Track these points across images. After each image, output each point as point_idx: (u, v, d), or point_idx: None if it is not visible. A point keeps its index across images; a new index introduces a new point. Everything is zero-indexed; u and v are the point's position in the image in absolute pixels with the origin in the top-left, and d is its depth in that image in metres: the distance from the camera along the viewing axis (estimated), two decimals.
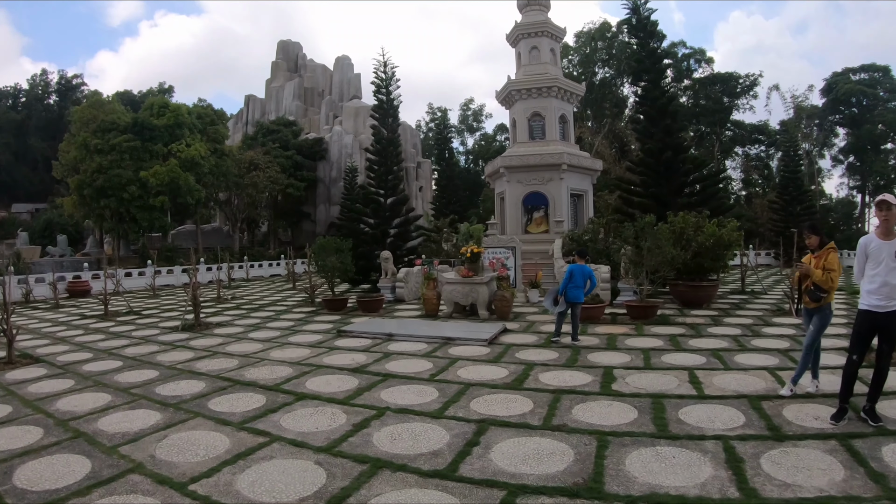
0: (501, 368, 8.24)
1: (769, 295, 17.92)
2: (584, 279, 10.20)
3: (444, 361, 8.82)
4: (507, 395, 6.82)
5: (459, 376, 7.86)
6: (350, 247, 16.14)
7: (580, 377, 7.55)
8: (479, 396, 6.76)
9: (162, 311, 16.80)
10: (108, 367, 8.81)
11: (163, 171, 32.17)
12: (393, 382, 7.54)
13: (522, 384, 7.31)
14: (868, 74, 49.30)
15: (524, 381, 7.44)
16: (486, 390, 7.05)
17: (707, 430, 5.31)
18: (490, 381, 7.53)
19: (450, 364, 8.63)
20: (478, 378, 7.70)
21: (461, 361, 8.80)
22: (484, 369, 8.22)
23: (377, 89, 22.02)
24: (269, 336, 11.52)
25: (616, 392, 6.75)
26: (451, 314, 13.99)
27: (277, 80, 61.66)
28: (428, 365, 8.59)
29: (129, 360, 9.32)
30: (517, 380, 7.55)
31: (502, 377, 7.72)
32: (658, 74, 19.96)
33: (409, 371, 8.19)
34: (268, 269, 35.97)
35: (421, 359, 9.06)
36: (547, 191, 25.39)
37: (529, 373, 7.91)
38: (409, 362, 8.79)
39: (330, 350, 9.83)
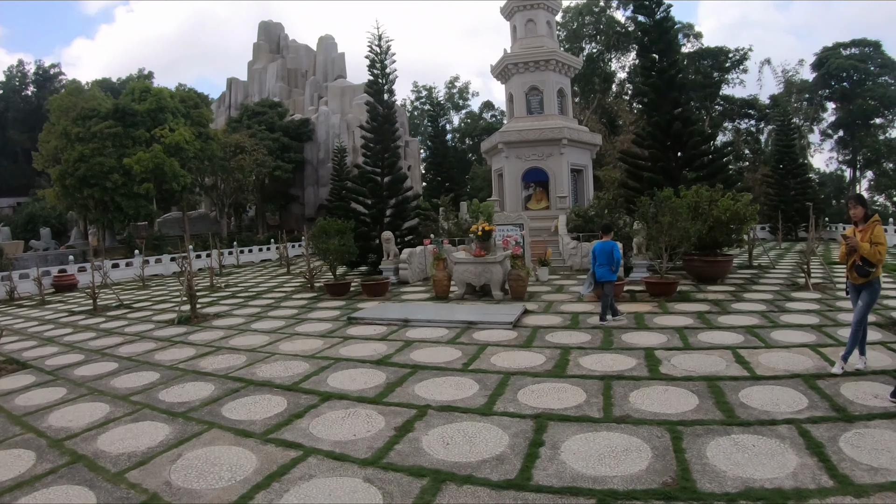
0: (536, 354, 7.65)
1: (777, 269, 17.62)
2: (606, 256, 9.74)
3: (472, 349, 8.13)
4: (553, 384, 6.26)
5: (494, 364, 7.22)
6: (352, 228, 15.31)
7: (623, 360, 7.09)
8: (524, 387, 6.17)
9: (154, 304, 15.90)
10: (102, 371, 7.95)
11: (146, 158, 31.06)
12: (424, 375, 6.84)
13: (565, 371, 6.78)
14: (859, 49, 48.78)
15: (566, 368, 6.91)
16: (528, 380, 6.46)
17: (775, 414, 5.05)
18: (529, 368, 6.95)
19: (479, 351, 7.96)
20: (515, 366, 7.09)
21: (490, 348, 8.15)
22: (518, 356, 7.60)
23: (371, 64, 20.95)
24: (274, 326, 10.71)
25: (667, 376, 6.36)
26: (463, 296, 13.28)
27: (260, 62, 60.09)
28: (456, 353, 7.89)
29: (125, 361, 8.47)
30: (558, 366, 7.01)
31: (541, 364, 7.15)
32: (667, 45, 19.20)
33: (438, 361, 7.49)
34: (258, 254, 35.10)
35: (446, 346, 8.36)
36: (547, 166, 24.67)
37: (568, 357, 7.40)
38: (434, 350, 8.08)
39: (344, 340, 9.05)
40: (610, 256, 9.74)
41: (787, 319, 9.29)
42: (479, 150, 63.41)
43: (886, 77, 47.46)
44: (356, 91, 56.76)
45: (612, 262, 9.77)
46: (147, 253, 27.22)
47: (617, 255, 9.82)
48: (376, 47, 20.95)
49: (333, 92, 56.01)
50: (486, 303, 12.46)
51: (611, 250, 9.77)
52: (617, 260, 9.82)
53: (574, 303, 12.20)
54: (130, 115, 32.69)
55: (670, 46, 19.41)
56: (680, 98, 19.35)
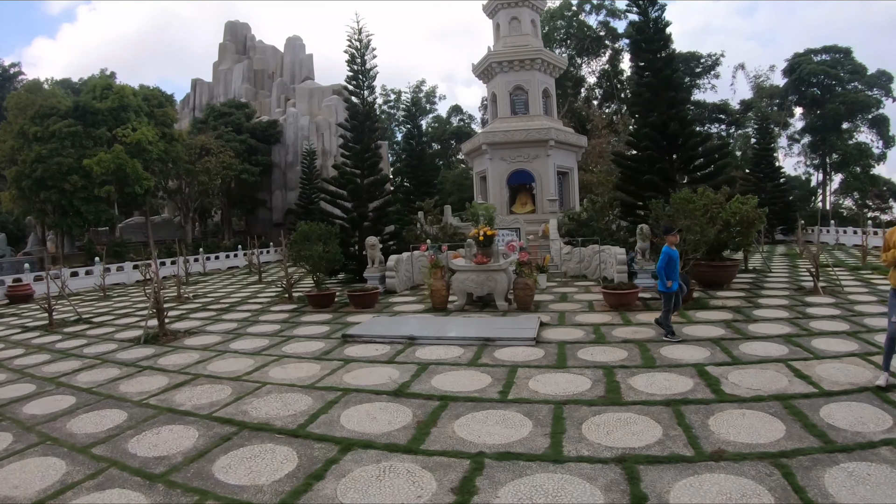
0: (577, 376, 6.74)
1: (775, 273, 17.29)
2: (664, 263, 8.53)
3: (500, 372, 7.04)
4: (616, 413, 5.41)
5: (536, 391, 6.19)
6: (337, 233, 14.05)
7: (678, 380, 6.37)
8: (585, 420, 5.27)
9: (117, 317, 14.29)
10: (57, 408, 6.53)
11: (107, 158, 29.17)
12: (458, 408, 5.71)
13: (621, 396, 5.94)
14: (830, 55, 49.44)
15: (620, 392, 6.07)
16: (585, 410, 5.54)
17: (871, 436, 4.64)
18: (578, 395, 6.03)
19: (510, 375, 6.89)
20: (560, 392, 6.13)
21: (522, 370, 7.09)
22: (559, 379, 6.63)
23: (351, 59, 19.68)
24: (257, 346, 9.35)
25: (734, 397, 5.75)
26: (464, 307, 12.17)
27: (225, 63, 58.16)
28: (485, 378, 6.78)
29: (85, 394, 7.03)
30: (610, 390, 6.13)
31: (588, 388, 6.25)
32: (662, 44, 18.57)
33: (467, 389, 6.37)
34: (225, 260, 33.30)
35: (469, 369, 7.23)
36: (533, 168, 23.81)
37: (615, 379, 6.54)
38: (458, 376, 6.94)
39: (345, 363, 7.79)
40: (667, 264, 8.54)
41: (818, 326, 8.94)
42: (447, 155, 63.21)
43: (856, 83, 48.44)
44: (325, 93, 55.39)
45: (668, 271, 8.52)
46: (108, 260, 25.37)
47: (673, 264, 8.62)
48: (356, 42, 19.71)
49: (301, 93, 54.53)
50: (491, 314, 11.37)
51: (667, 257, 8.55)
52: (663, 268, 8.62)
53: (587, 312, 11.30)
54: (91, 113, 30.78)
55: (666, 45, 18.78)
56: (676, 97, 18.71)
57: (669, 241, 8.68)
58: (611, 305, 11.54)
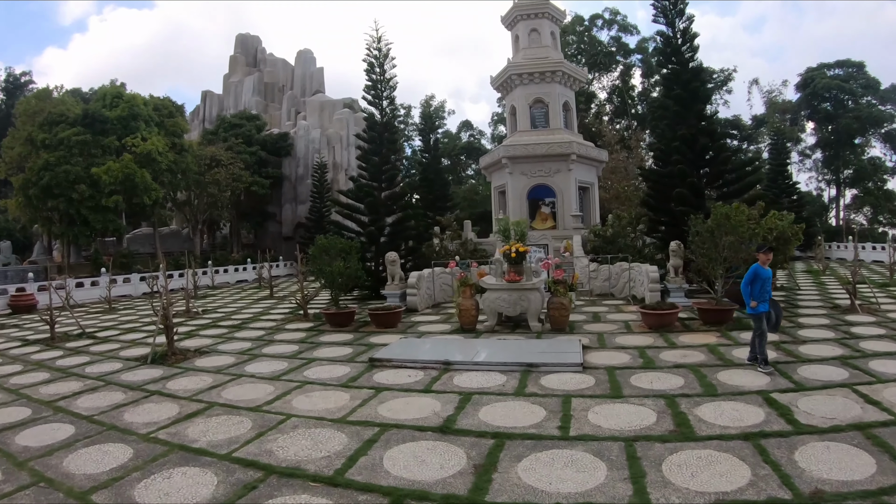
0: (639, 407, 6.05)
1: (804, 290, 16.93)
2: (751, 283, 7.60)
3: (552, 403, 6.27)
4: (696, 451, 4.78)
5: (599, 426, 5.50)
6: (358, 248, 13.33)
7: (747, 410, 5.81)
8: (664, 460, 4.62)
9: (122, 333, 13.55)
10: (53, 439, 5.72)
11: (116, 168, 28.60)
12: (517, 448, 4.96)
13: (694, 431, 5.28)
14: (843, 70, 49.02)
15: (691, 426, 5.40)
16: (661, 448, 4.88)
17: None
18: (648, 430, 5.35)
19: (564, 406, 6.14)
20: (627, 427, 5.44)
21: (576, 400, 6.35)
22: (619, 411, 5.94)
23: (370, 68, 19.11)
24: (275, 370, 8.54)
25: (812, 427, 5.25)
26: (494, 327, 11.37)
27: (236, 75, 58.10)
28: (537, 411, 6.01)
29: (85, 423, 6.23)
30: (681, 424, 5.48)
31: (655, 422, 5.57)
32: (691, 55, 17.94)
33: (522, 424, 5.59)
34: (234, 274, 32.65)
35: (518, 400, 6.45)
36: (554, 183, 23.08)
37: (680, 409, 5.91)
38: (507, 408, 6.15)
39: (376, 392, 6.97)
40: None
41: (870, 347, 8.54)
42: (457, 171, 62.52)
43: (869, 97, 47.76)
44: (336, 106, 55.20)
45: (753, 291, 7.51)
46: (114, 271, 24.78)
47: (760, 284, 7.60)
48: (375, 50, 19.17)
49: (312, 107, 54.34)
50: (525, 336, 10.56)
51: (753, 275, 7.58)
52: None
53: (626, 334, 10.59)
54: (101, 121, 30.29)
55: (693, 56, 18.12)
56: (705, 110, 18.03)
57: (761, 259, 7.67)
58: (649, 326, 10.92)
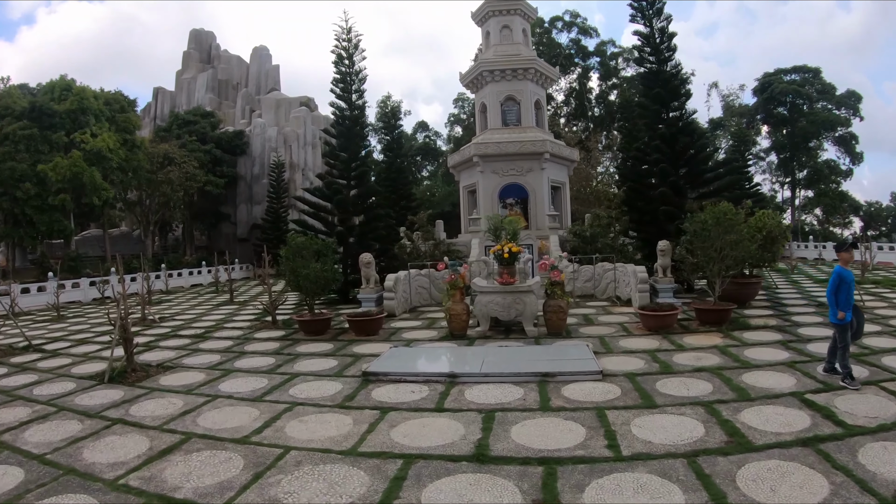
0: (682, 418, 5.60)
1: (782, 289, 17.04)
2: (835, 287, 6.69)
3: (587, 418, 5.73)
4: (763, 463, 4.47)
5: (652, 443, 5.01)
6: (335, 248, 12.38)
7: (791, 414, 5.58)
8: (736, 475, 4.27)
9: (73, 344, 12.21)
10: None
11: (64, 165, 26.97)
12: (574, 476, 4.38)
13: (750, 441, 4.94)
14: (799, 75, 50.57)
15: (745, 436, 5.06)
16: (726, 463, 4.51)
17: None
18: (702, 444, 4.93)
19: (601, 421, 5.63)
20: (681, 441, 4.99)
21: (611, 414, 5.80)
22: (664, 424, 5.47)
23: (338, 59, 18.10)
24: (255, 389, 7.52)
25: (861, 428, 5.08)
26: (487, 333, 10.66)
27: (189, 72, 55.93)
28: (576, 428, 5.43)
29: (36, 465, 5.14)
30: (733, 433, 5.12)
31: (705, 433, 5.15)
32: (670, 54, 17.75)
33: (566, 446, 4.99)
34: (188, 278, 30.99)
35: (547, 416, 5.84)
36: (526, 182, 22.57)
37: (724, 418, 5.55)
38: (540, 427, 5.53)
39: (382, 413, 6.10)
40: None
41: (876, 344, 8.52)
42: (414, 171, 61.56)
43: (825, 102, 49.43)
44: (292, 104, 53.71)
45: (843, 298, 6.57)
46: (62, 276, 22.94)
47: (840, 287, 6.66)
48: (344, 42, 18.20)
49: (268, 104, 52.73)
50: (523, 342, 9.91)
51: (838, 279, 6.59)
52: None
53: (626, 337, 10.20)
54: (48, 115, 28.56)
55: (672, 55, 17.93)
56: (684, 109, 17.87)
57: (844, 258, 6.78)
58: (649, 328, 10.58)
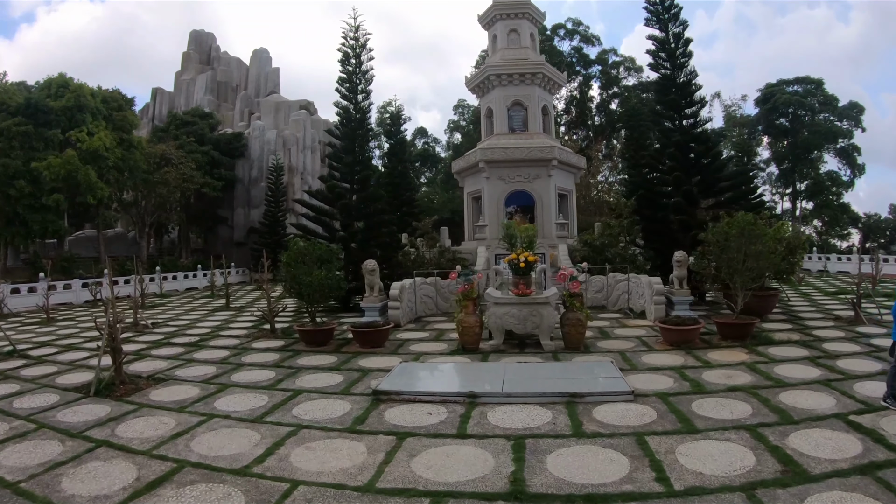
0: (727, 444, 5.15)
1: (794, 301, 16.79)
2: None
3: (626, 445, 5.25)
4: (825, 495, 4.10)
5: (703, 474, 4.54)
6: (339, 254, 11.77)
7: (841, 439, 5.20)
8: None
9: (60, 350, 11.55)
10: None
11: (59, 163, 26.27)
12: None
13: (806, 469, 4.57)
14: (802, 86, 50.33)
15: (799, 464, 4.69)
16: (787, 496, 4.14)
17: None
18: (757, 474, 4.52)
19: (642, 448, 5.15)
20: (732, 472, 4.54)
21: (651, 440, 5.30)
22: (710, 451, 5.00)
23: (344, 58, 17.56)
24: (253, 407, 6.87)
25: None
26: (501, 346, 10.05)
27: (188, 73, 55.42)
28: (619, 459, 4.94)
29: (8, 496, 4.52)
30: (787, 461, 4.73)
31: (754, 463, 4.70)
32: (685, 60, 17.33)
33: (609, 479, 4.54)
34: (183, 281, 30.33)
35: (583, 443, 5.31)
36: (533, 189, 22.00)
37: (772, 444, 5.14)
38: (577, 456, 5.02)
39: (398, 439, 5.48)
40: None
41: None
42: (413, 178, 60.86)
43: (827, 114, 49.20)
44: (292, 108, 53.24)
45: None
46: (54, 276, 22.36)
47: None
48: (351, 40, 17.67)
49: (267, 107, 52.22)
50: (540, 356, 9.32)
51: None
52: None
53: (648, 352, 9.72)
54: (44, 112, 27.88)
55: (688, 61, 17.47)
56: (698, 115, 17.41)
57: None
58: (670, 343, 10.10)
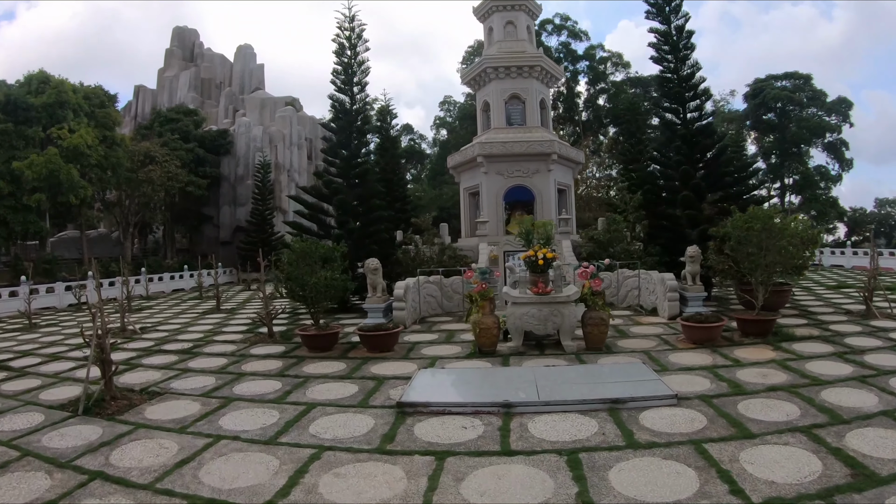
0: (788, 448, 4.84)
1: (799, 295, 16.46)
2: None
3: (685, 454, 4.85)
4: None
5: (776, 483, 4.21)
6: (344, 253, 11.09)
7: None
8: None
9: (44, 361, 10.75)
10: None
11: (40, 162, 25.42)
12: None
13: (875, 472, 4.26)
14: (790, 82, 50.55)
15: (865, 465, 4.40)
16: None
17: None
18: (825, 479, 4.23)
19: (703, 459, 4.72)
20: (804, 478, 4.25)
21: (711, 448, 4.93)
22: (772, 457, 4.69)
23: (340, 49, 16.84)
24: (264, 424, 6.19)
25: None
26: (520, 348, 9.47)
27: (171, 70, 54.28)
28: (685, 472, 4.58)
29: None
30: (853, 465, 4.42)
31: (821, 469, 4.39)
32: (688, 52, 16.93)
33: (681, 496, 4.14)
34: (169, 282, 29.38)
35: (643, 456, 4.92)
36: (533, 184, 21.43)
37: (829, 445, 4.88)
38: (638, 469, 4.65)
39: (436, 458, 4.86)
40: None
41: None
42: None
43: (815, 108, 49.36)
44: (277, 104, 52.39)
45: None
46: (36, 279, 21.42)
47: None
48: (346, 31, 16.94)
49: (252, 104, 51.32)
50: (563, 358, 8.81)
51: None
52: None
53: (671, 351, 9.34)
54: (24, 109, 27.04)
55: (691, 53, 17.07)
56: (703, 108, 16.99)
57: None
58: (693, 341, 9.69)
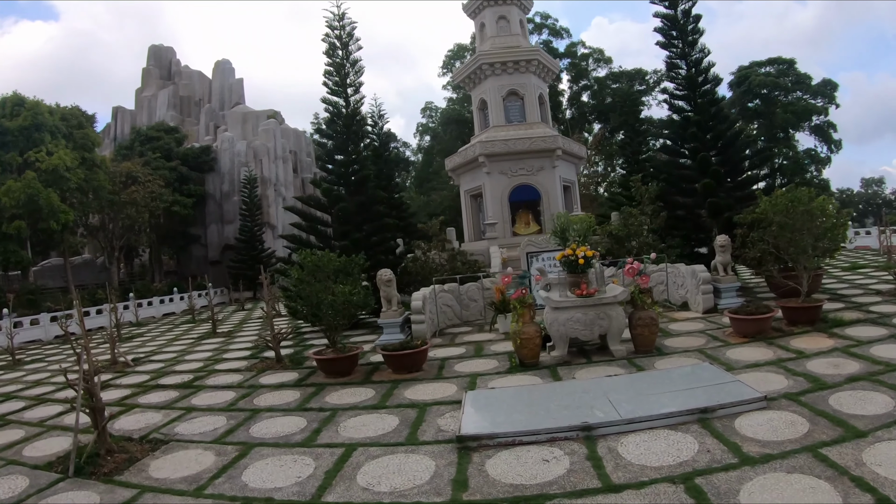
0: None
1: None
2: None
3: (806, 464, 4.32)
4: None
5: None
6: (362, 264, 10.08)
7: None
8: None
9: (28, 405, 9.63)
10: None
11: (18, 188, 24.30)
12: None
13: None
14: (774, 67, 50.56)
15: None
16: None
17: None
18: None
19: (825, 465, 4.27)
20: None
21: (832, 452, 4.47)
22: None
23: (331, 50, 15.88)
24: (299, 476, 5.17)
25: None
26: (566, 357, 8.53)
27: (149, 89, 53.30)
28: (818, 485, 3.98)
29: None
30: None
31: None
32: (696, 35, 16.27)
33: None
34: (159, 306, 28.19)
35: (762, 473, 4.30)
36: (538, 182, 20.60)
37: None
38: (768, 489, 4.01)
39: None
40: None
41: None
42: None
43: (800, 92, 49.37)
44: (259, 118, 51.36)
45: None
46: (20, 311, 20.17)
47: None
48: (337, 30, 16.00)
49: (234, 118, 50.29)
50: (615, 364, 8.01)
51: None
52: None
53: (727, 347, 8.67)
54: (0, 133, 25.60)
55: (698, 39, 16.42)
56: (715, 93, 16.33)
57: None
58: (744, 335, 9.20)
